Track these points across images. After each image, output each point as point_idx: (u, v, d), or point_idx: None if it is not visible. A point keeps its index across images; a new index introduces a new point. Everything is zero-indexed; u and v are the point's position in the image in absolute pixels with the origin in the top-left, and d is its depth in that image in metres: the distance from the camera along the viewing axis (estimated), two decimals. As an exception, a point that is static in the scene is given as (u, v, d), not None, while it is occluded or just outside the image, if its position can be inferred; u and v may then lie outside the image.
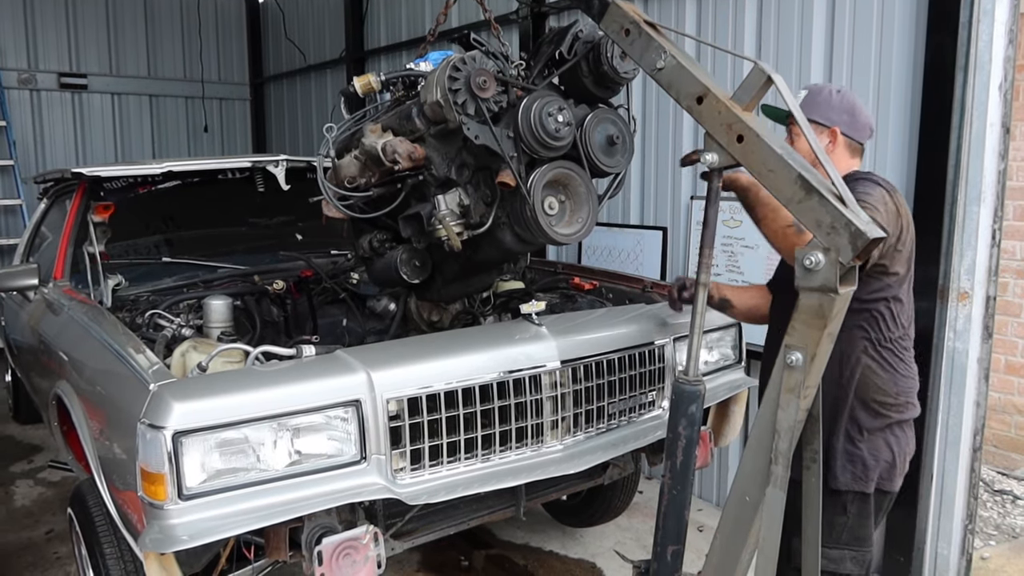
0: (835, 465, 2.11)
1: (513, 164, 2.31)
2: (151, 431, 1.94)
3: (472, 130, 2.30)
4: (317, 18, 7.80)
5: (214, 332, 2.93)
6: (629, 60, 2.30)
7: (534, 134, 2.26)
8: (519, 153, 2.33)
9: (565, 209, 2.40)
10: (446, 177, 2.48)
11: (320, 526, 2.17)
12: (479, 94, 2.26)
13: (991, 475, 4.66)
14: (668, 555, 2.00)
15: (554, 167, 2.34)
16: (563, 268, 3.87)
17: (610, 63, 2.34)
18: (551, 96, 2.32)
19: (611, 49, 2.32)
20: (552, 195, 2.37)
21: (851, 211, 1.59)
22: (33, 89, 7.85)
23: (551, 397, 2.46)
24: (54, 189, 4.40)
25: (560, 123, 2.27)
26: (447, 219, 2.46)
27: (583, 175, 2.39)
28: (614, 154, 2.42)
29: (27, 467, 4.84)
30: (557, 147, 2.31)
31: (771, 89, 1.79)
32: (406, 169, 2.51)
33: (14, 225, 7.47)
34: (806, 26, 3.54)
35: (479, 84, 2.26)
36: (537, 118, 2.25)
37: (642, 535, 3.86)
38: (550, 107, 2.27)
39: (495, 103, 2.31)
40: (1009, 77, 2.97)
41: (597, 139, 2.38)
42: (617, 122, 2.44)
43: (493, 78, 2.29)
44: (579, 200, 2.40)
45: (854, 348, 2.10)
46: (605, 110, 2.44)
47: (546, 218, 2.33)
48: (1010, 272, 4.60)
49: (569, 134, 2.31)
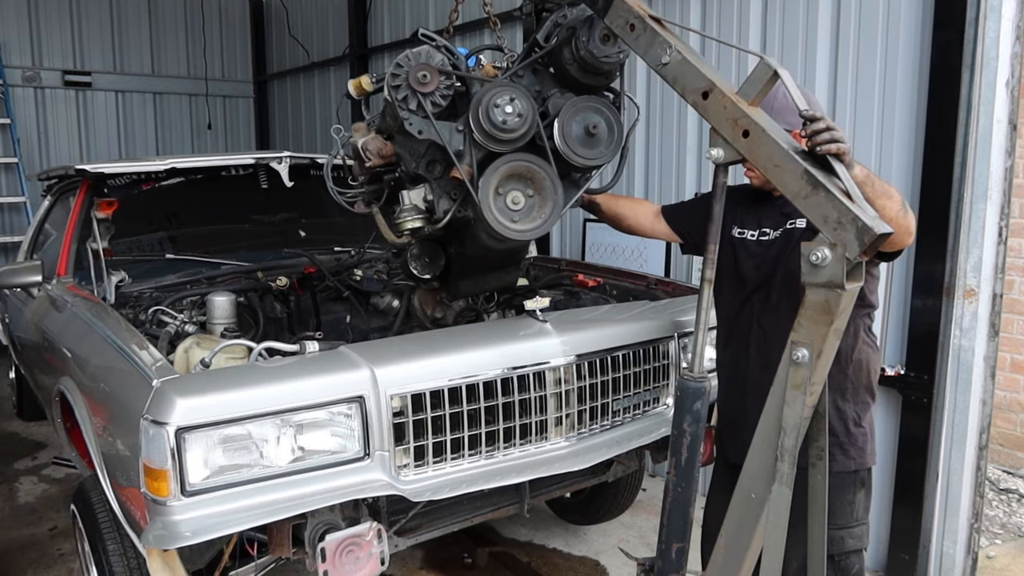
0: (851, 448, 2.19)
1: (466, 158, 2.26)
2: (154, 427, 1.93)
3: (415, 125, 2.26)
4: (321, 15, 7.79)
5: (217, 328, 2.93)
6: (610, 44, 2.19)
7: (481, 126, 2.20)
8: (470, 147, 2.27)
9: (534, 204, 2.30)
10: (415, 173, 2.47)
11: (323, 523, 2.16)
12: (419, 89, 2.22)
13: (997, 474, 4.64)
14: (673, 552, 1.99)
15: (508, 160, 2.25)
16: (567, 265, 3.87)
17: (586, 47, 2.20)
18: (505, 87, 2.23)
19: (588, 33, 2.19)
20: (518, 190, 2.28)
21: (858, 207, 1.58)
22: (37, 87, 7.86)
23: (555, 394, 2.45)
24: (58, 186, 4.40)
25: (508, 114, 2.18)
26: (405, 214, 2.43)
27: (547, 168, 2.28)
28: (595, 145, 2.29)
29: (31, 464, 4.84)
30: (508, 139, 2.22)
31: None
32: (378, 166, 2.51)
33: (18, 222, 7.48)
34: (811, 20, 3.52)
35: (418, 79, 2.22)
36: (484, 110, 2.18)
37: (646, 533, 3.85)
38: (497, 98, 2.19)
39: (442, 97, 2.26)
40: (1016, 74, 2.96)
41: (574, 130, 2.27)
42: (603, 111, 2.29)
43: (436, 72, 2.23)
44: (544, 195, 2.29)
45: (857, 337, 2.17)
46: (587, 98, 2.30)
47: (493, 214, 2.24)
48: (1016, 270, 4.58)
49: (520, 125, 2.20)
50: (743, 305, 2.30)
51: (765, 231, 2.26)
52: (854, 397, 2.20)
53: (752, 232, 2.29)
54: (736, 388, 2.33)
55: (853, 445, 2.20)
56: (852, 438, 2.20)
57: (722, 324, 2.42)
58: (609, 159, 2.35)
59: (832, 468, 2.14)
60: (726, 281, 2.35)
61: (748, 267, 2.28)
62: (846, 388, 2.19)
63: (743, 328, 2.30)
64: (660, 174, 4.34)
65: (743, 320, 2.30)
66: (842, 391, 2.18)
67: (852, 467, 2.20)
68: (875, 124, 3.29)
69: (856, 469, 2.21)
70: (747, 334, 2.28)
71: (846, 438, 2.19)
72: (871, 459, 2.24)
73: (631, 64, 4.38)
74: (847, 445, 2.19)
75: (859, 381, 2.21)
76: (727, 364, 2.39)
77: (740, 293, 2.30)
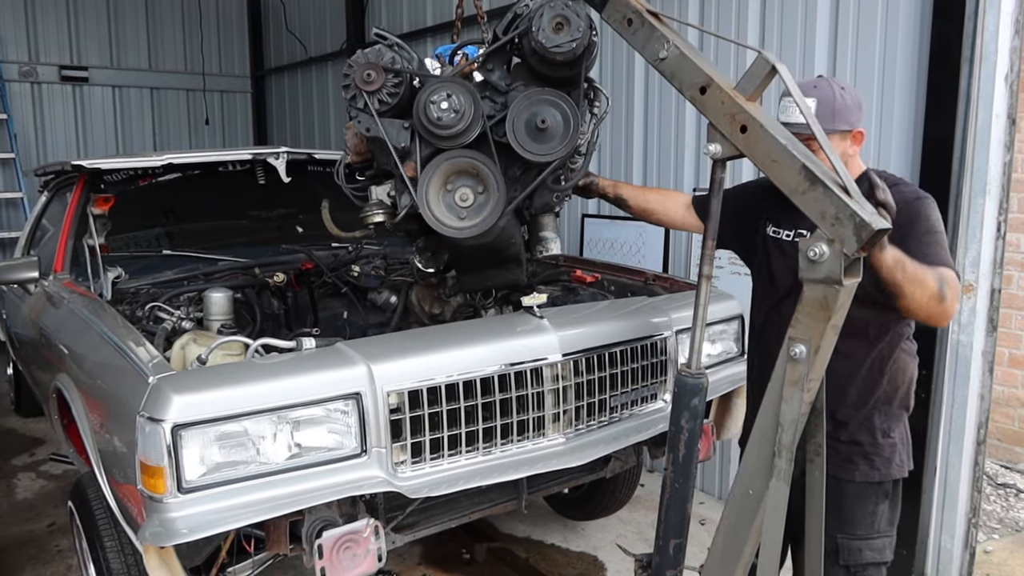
0: (877, 459, 2.12)
1: (413, 155, 2.29)
2: (150, 424, 1.93)
3: (363, 123, 2.30)
4: (318, 10, 7.77)
5: (214, 325, 2.92)
6: (562, 34, 2.15)
7: (421, 123, 2.23)
8: (416, 144, 2.29)
9: (485, 201, 2.28)
10: (384, 169, 2.47)
11: (321, 519, 2.16)
12: (364, 88, 2.25)
13: (995, 469, 4.65)
14: (670, 548, 1.99)
15: (450, 157, 2.26)
16: (565, 261, 3.85)
17: (536, 38, 2.15)
18: (445, 83, 2.22)
19: (539, 23, 2.15)
20: (468, 186, 2.28)
21: (856, 202, 1.57)
22: (34, 82, 7.84)
23: (553, 390, 2.45)
24: (55, 182, 4.39)
25: (444, 111, 2.19)
26: (369, 209, 2.48)
27: (490, 165, 2.27)
28: (546, 140, 2.24)
29: (29, 460, 4.84)
30: (446, 135, 2.23)
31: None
32: (356, 162, 2.55)
33: (15, 218, 7.46)
34: (810, 15, 3.51)
35: (363, 78, 2.25)
36: (423, 107, 2.21)
37: (644, 528, 3.86)
38: (434, 95, 2.20)
39: (389, 95, 2.27)
40: (1015, 68, 2.95)
41: (522, 124, 2.24)
42: (559, 104, 2.24)
43: (382, 71, 2.25)
44: (490, 192, 2.28)
45: (895, 347, 2.09)
46: (540, 91, 2.26)
47: (429, 211, 2.25)
48: (1015, 265, 4.58)
49: (456, 121, 2.21)
50: (771, 311, 2.21)
51: (801, 232, 2.10)
52: (885, 407, 2.12)
53: (788, 232, 2.17)
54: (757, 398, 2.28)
55: (879, 456, 2.12)
56: (879, 448, 2.12)
57: (752, 331, 2.35)
58: (562, 154, 2.27)
59: (855, 477, 2.12)
60: (759, 284, 2.29)
61: (780, 269, 2.17)
62: (878, 397, 2.10)
63: (769, 337, 2.19)
64: (658, 169, 4.33)
65: (770, 327, 2.20)
66: (874, 400, 2.10)
67: (876, 478, 2.12)
68: (874, 118, 3.28)
69: (880, 481, 2.13)
70: (772, 343, 2.11)
71: (872, 448, 2.11)
72: (898, 471, 2.14)
73: (630, 59, 4.40)
74: (872, 455, 2.11)
75: (893, 390, 2.11)
76: (753, 370, 2.32)
77: (771, 297, 2.22)
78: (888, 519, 2.17)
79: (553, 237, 2.61)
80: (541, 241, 2.61)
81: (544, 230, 2.60)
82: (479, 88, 2.34)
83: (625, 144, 4.51)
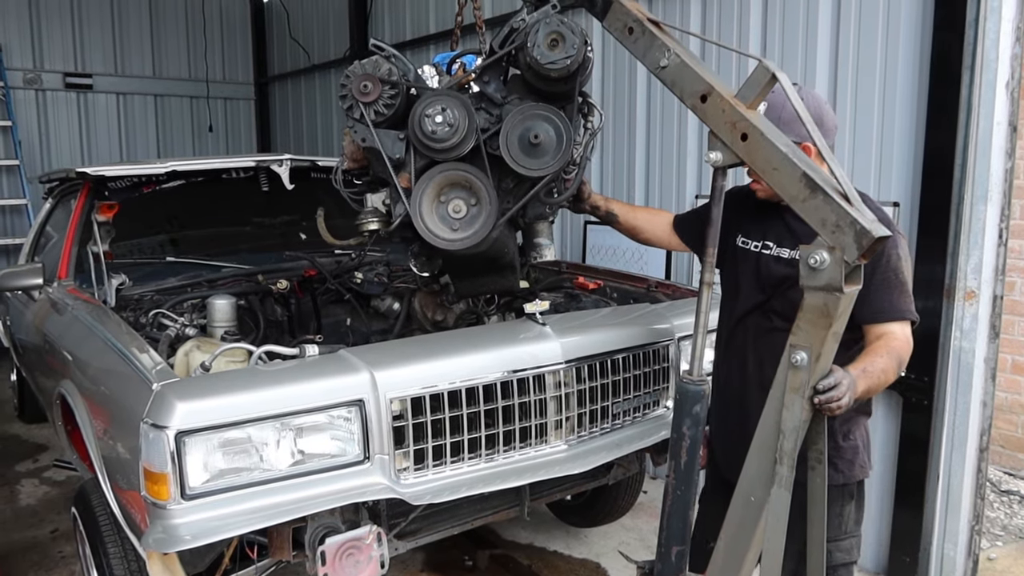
0: (839, 462, 2.14)
1: (407, 166, 2.31)
2: (154, 431, 1.94)
3: (359, 133, 2.33)
4: (321, 17, 7.80)
5: (218, 331, 2.93)
6: (557, 50, 2.16)
7: (415, 135, 2.25)
8: (412, 156, 2.32)
9: (478, 213, 2.31)
10: (380, 177, 2.49)
11: (323, 526, 2.16)
12: (360, 99, 2.27)
13: (998, 475, 4.63)
14: (672, 555, 1.99)
15: (444, 170, 2.29)
16: (567, 267, 3.87)
17: (530, 54, 2.17)
18: (440, 96, 2.25)
19: (534, 38, 2.16)
20: (461, 198, 2.31)
21: (856, 210, 1.58)
22: (38, 89, 7.87)
23: (555, 397, 2.45)
24: (59, 189, 4.41)
25: (438, 124, 2.22)
26: (365, 217, 2.51)
27: (483, 178, 2.29)
28: (539, 155, 2.26)
29: (32, 466, 4.85)
30: (440, 148, 2.25)
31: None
32: (353, 169, 2.57)
33: (20, 225, 7.49)
34: (811, 23, 3.52)
35: (359, 89, 2.27)
36: (417, 120, 2.23)
37: (646, 535, 3.85)
38: (429, 108, 2.22)
39: (385, 106, 2.29)
40: (1016, 75, 2.96)
41: (516, 139, 2.26)
42: (552, 119, 2.25)
43: (378, 82, 2.27)
44: (482, 205, 2.31)
45: (848, 350, 2.09)
46: (534, 106, 2.28)
47: (421, 221, 2.28)
48: (1017, 271, 4.57)
49: (450, 135, 2.23)
50: (737, 322, 2.23)
51: (768, 244, 2.16)
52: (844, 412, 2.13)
53: (756, 243, 2.21)
54: (724, 405, 2.29)
55: (841, 459, 2.14)
56: (841, 451, 2.14)
57: (719, 341, 2.36)
58: (555, 169, 2.28)
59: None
60: (726, 295, 2.32)
61: (746, 279, 2.21)
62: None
63: (736, 347, 2.23)
64: (661, 178, 4.34)
65: (737, 338, 2.23)
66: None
67: (840, 480, 2.14)
68: (875, 126, 3.29)
69: (844, 483, 2.16)
70: (738, 354, 2.22)
71: (834, 452, 2.11)
72: (861, 472, 2.19)
73: (632, 67, 4.41)
74: (835, 458, 2.12)
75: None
76: (719, 380, 2.32)
77: (737, 308, 2.24)
78: (855, 519, 2.22)
79: (548, 243, 2.63)
80: (536, 247, 2.63)
81: (538, 236, 2.62)
82: (474, 100, 2.36)
83: (628, 152, 4.52)
